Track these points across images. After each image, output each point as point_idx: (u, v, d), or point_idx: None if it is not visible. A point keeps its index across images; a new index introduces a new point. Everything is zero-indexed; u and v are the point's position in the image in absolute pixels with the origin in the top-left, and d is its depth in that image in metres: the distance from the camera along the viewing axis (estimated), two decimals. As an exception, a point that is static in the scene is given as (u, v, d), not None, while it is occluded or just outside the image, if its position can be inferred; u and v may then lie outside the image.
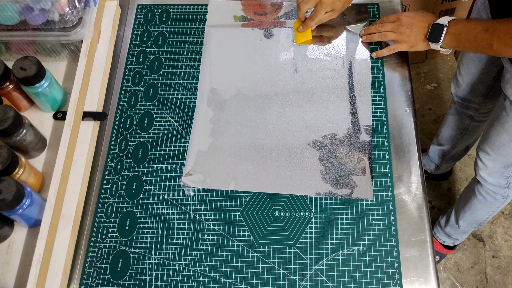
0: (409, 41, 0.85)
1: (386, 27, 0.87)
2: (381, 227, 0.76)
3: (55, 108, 0.86)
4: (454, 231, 1.31)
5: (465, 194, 1.22)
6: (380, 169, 0.80)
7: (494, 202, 1.14)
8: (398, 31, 0.85)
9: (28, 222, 0.73)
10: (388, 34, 0.87)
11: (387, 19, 0.88)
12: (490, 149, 1.03)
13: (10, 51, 0.89)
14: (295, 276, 0.73)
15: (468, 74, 1.12)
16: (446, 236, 1.35)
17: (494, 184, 1.09)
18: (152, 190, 0.80)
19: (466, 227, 1.28)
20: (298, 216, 0.77)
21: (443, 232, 1.35)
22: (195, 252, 0.75)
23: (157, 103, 0.89)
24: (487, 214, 1.19)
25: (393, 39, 0.87)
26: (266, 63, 0.92)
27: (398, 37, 0.86)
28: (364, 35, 0.91)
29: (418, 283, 0.72)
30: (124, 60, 0.94)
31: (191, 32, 0.97)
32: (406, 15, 0.86)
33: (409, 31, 0.84)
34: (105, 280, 0.74)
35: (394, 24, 0.86)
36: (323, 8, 0.84)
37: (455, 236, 1.34)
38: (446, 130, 1.33)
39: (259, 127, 0.85)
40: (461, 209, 1.24)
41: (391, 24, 0.86)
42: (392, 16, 0.88)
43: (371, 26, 0.90)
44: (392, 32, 0.86)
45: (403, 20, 0.85)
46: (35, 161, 0.81)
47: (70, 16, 0.81)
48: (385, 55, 0.89)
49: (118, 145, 0.85)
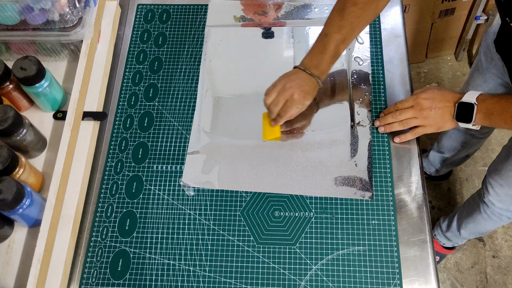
0: (435, 123, 0.78)
1: (406, 114, 0.79)
2: (381, 227, 0.75)
3: (55, 108, 0.86)
4: (455, 237, 1.31)
5: (469, 206, 1.20)
6: (380, 169, 0.80)
7: (499, 221, 1.13)
8: (421, 115, 0.78)
9: (28, 222, 0.73)
10: (410, 121, 0.79)
11: (402, 105, 0.80)
12: (503, 181, 1.01)
13: (10, 51, 0.89)
14: (295, 276, 0.73)
15: None
16: (447, 239, 1.35)
17: (502, 208, 1.08)
18: (152, 190, 0.80)
19: (467, 235, 1.27)
20: (298, 216, 0.77)
21: (444, 236, 1.35)
22: (195, 252, 0.75)
23: (157, 103, 0.89)
24: (491, 228, 1.19)
25: (417, 124, 0.79)
26: (266, 62, 0.92)
27: (423, 122, 0.78)
28: (380, 126, 0.82)
29: (418, 283, 0.72)
30: (124, 60, 0.94)
31: (191, 32, 0.97)
32: (423, 97, 0.78)
33: (433, 114, 0.77)
34: (105, 280, 0.74)
35: (414, 110, 0.78)
36: (293, 105, 0.76)
37: (456, 240, 1.34)
38: (447, 140, 1.31)
39: (259, 127, 0.85)
40: (464, 219, 1.23)
41: (410, 111, 0.79)
42: (408, 101, 0.80)
43: (387, 116, 0.81)
44: (415, 118, 0.79)
45: (422, 103, 0.78)
46: (35, 161, 0.81)
47: (70, 16, 0.81)
48: (410, 139, 0.81)
49: (118, 145, 0.85)
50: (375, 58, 0.91)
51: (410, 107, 0.79)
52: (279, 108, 0.77)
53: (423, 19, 1.64)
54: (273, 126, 0.81)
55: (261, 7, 0.99)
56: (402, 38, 0.94)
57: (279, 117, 0.78)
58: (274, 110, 0.77)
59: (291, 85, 0.75)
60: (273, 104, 0.77)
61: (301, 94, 0.75)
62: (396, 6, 0.97)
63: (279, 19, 0.97)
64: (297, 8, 0.98)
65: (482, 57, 1.01)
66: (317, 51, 0.77)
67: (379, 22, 0.95)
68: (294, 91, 0.75)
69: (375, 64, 0.90)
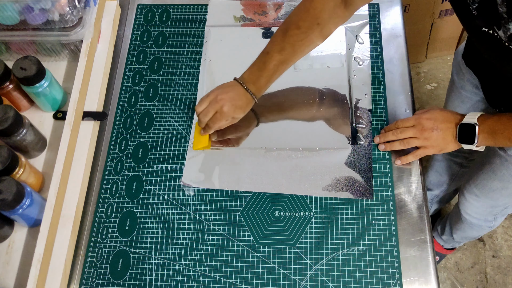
0: (437, 145, 0.77)
1: (407, 133, 0.78)
2: (381, 227, 0.75)
3: (55, 108, 0.86)
4: (450, 240, 1.31)
5: (454, 215, 1.20)
6: (380, 169, 0.80)
7: (482, 230, 1.14)
8: (422, 136, 0.77)
9: (28, 222, 0.73)
10: (411, 141, 0.78)
11: (403, 123, 0.79)
12: (478, 191, 1.00)
13: (10, 51, 0.89)
14: (295, 276, 0.73)
15: None
16: (444, 241, 1.35)
17: (480, 219, 1.08)
18: (152, 190, 0.80)
19: (461, 239, 1.28)
20: (298, 216, 0.77)
21: (441, 238, 1.35)
22: (195, 252, 0.75)
23: (157, 103, 0.89)
24: (478, 234, 1.20)
25: (418, 145, 0.78)
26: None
27: (424, 143, 0.77)
28: (381, 143, 0.81)
29: (418, 283, 0.72)
30: (124, 60, 0.94)
31: (191, 32, 0.97)
32: (425, 117, 0.77)
33: (435, 135, 0.76)
34: (105, 280, 0.74)
35: (415, 129, 0.77)
36: (223, 117, 0.75)
37: (453, 243, 1.34)
38: (434, 175, 1.29)
39: (259, 127, 0.85)
40: (453, 226, 1.23)
41: (411, 130, 0.78)
42: (409, 120, 0.79)
43: (387, 133, 0.80)
44: (416, 138, 0.77)
45: (424, 124, 0.77)
46: (35, 161, 0.81)
47: (70, 16, 0.81)
48: (411, 161, 0.80)
49: (118, 145, 0.85)
50: (375, 58, 0.91)
51: (411, 126, 0.78)
52: (208, 119, 0.76)
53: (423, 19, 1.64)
54: (202, 135, 0.80)
55: (261, 7, 0.99)
56: (402, 38, 0.94)
57: (207, 127, 0.77)
58: (203, 119, 0.76)
59: (222, 97, 0.74)
60: (203, 114, 0.76)
61: (231, 108, 0.74)
62: (396, 6, 0.97)
63: (279, 19, 0.97)
64: (297, 8, 0.98)
65: (455, 76, 0.99)
66: (256, 68, 0.76)
67: (379, 22, 0.95)
68: (224, 104, 0.74)
69: (375, 64, 0.90)
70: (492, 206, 1.02)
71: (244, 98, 0.76)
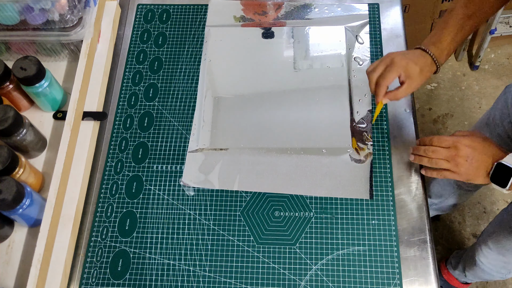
0: (466, 174, 0.70)
1: (439, 154, 0.71)
2: (381, 227, 0.75)
3: (55, 108, 0.86)
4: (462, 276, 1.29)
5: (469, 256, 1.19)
6: (380, 169, 0.80)
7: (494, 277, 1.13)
8: (454, 162, 0.70)
9: (28, 222, 0.73)
10: (440, 162, 0.71)
11: (439, 142, 0.72)
12: (493, 246, 0.99)
13: (10, 51, 0.89)
14: (295, 276, 0.73)
15: None
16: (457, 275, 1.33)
17: (492, 269, 1.08)
18: (152, 190, 0.80)
19: (473, 279, 1.26)
20: (298, 216, 0.77)
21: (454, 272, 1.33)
22: (195, 252, 0.75)
23: (157, 103, 0.89)
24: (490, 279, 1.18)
25: (447, 168, 0.72)
26: (266, 62, 0.92)
27: (453, 168, 0.70)
28: (412, 154, 0.77)
29: (418, 283, 0.72)
30: (124, 60, 0.94)
31: (191, 32, 0.97)
32: (464, 143, 0.70)
33: (467, 164, 0.69)
34: (105, 280, 0.74)
35: (449, 153, 0.70)
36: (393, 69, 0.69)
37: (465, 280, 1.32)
38: (435, 186, 1.27)
39: (259, 127, 0.85)
40: (466, 265, 1.21)
41: (445, 152, 0.71)
42: (446, 140, 0.71)
43: (419, 147, 0.75)
44: (446, 161, 0.71)
45: (461, 149, 0.69)
46: (35, 161, 0.81)
47: (70, 16, 0.81)
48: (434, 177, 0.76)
49: (118, 145, 0.85)
50: (375, 58, 0.91)
51: (446, 147, 0.71)
52: (376, 75, 0.71)
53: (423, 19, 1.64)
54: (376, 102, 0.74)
55: (261, 7, 0.99)
56: (402, 38, 0.94)
57: (378, 86, 0.72)
58: (371, 77, 0.71)
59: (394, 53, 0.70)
60: (372, 71, 0.71)
61: (403, 59, 0.68)
62: (396, 6, 0.97)
63: (279, 19, 0.97)
64: (297, 8, 0.98)
65: (498, 114, 0.94)
66: (438, 27, 0.70)
67: (379, 22, 0.95)
68: (395, 56, 0.69)
69: (375, 64, 0.90)
70: (505, 262, 1.02)
71: (422, 58, 0.70)
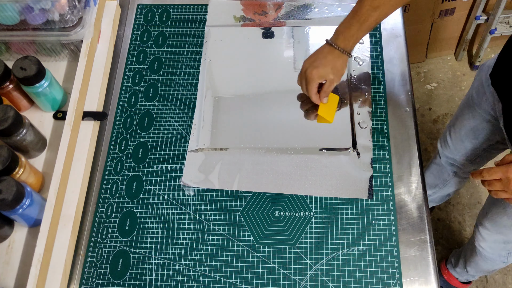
0: None
1: (494, 186, 0.73)
2: (381, 227, 0.75)
3: (55, 108, 0.86)
4: (464, 273, 1.29)
5: (469, 247, 1.20)
6: (380, 169, 0.80)
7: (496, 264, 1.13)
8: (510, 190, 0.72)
9: (28, 222, 0.73)
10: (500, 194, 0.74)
11: (489, 175, 0.73)
12: (490, 225, 1.00)
13: (10, 51, 0.89)
14: (295, 276, 0.73)
15: (458, 141, 1.08)
16: (458, 274, 1.33)
17: (493, 253, 1.08)
18: (152, 190, 0.80)
19: (475, 273, 1.26)
20: (298, 216, 0.77)
21: (454, 270, 1.33)
22: (195, 252, 0.75)
23: (157, 103, 0.89)
24: (493, 268, 1.18)
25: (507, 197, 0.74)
26: (266, 62, 0.92)
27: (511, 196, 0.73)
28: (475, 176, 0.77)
29: (418, 283, 0.72)
30: (124, 60, 0.94)
31: (191, 32, 0.97)
32: None
33: None
34: (105, 280, 0.74)
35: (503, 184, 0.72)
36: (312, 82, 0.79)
37: (467, 276, 1.32)
38: (429, 176, 1.29)
39: (259, 127, 0.85)
40: (467, 259, 1.22)
41: (499, 184, 0.72)
42: (496, 172, 0.72)
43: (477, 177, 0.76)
44: (504, 192, 0.73)
45: None
46: (35, 161, 0.81)
47: (70, 16, 0.81)
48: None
49: (118, 145, 0.85)
50: (375, 58, 0.91)
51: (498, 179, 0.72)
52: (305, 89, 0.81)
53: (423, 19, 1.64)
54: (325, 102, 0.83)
55: (261, 7, 0.99)
56: (402, 38, 0.94)
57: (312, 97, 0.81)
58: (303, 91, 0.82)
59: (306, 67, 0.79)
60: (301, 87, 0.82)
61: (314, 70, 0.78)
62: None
63: (279, 19, 0.97)
64: (297, 8, 0.98)
65: (474, 92, 0.97)
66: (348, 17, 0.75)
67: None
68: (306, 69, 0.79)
69: (375, 64, 0.90)
70: (505, 241, 1.02)
71: (330, 55, 0.77)
